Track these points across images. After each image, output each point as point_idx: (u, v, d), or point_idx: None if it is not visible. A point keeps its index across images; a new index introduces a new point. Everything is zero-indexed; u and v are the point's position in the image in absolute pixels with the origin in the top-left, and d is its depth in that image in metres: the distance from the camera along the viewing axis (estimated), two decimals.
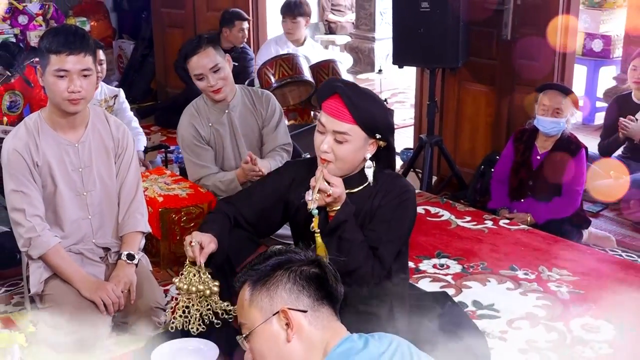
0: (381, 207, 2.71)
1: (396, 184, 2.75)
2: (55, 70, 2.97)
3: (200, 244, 2.63)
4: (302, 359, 1.82)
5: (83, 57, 2.99)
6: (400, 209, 2.72)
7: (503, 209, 4.58)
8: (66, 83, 2.98)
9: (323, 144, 2.62)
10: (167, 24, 7.16)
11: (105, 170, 3.25)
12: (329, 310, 1.87)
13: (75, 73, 2.98)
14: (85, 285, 3.08)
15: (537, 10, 4.84)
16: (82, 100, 3.04)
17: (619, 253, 4.27)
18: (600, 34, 6.80)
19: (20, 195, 3.08)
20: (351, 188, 2.73)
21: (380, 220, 2.71)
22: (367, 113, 2.59)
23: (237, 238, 2.82)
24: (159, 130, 6.13)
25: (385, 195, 2.72)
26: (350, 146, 2.62)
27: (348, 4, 10.14)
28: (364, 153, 2.67)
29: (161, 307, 3.20)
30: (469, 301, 3.56)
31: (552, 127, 4.36)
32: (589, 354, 3.14)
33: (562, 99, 4.34)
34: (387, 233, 2.71)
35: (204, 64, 3.72)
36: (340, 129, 2.59)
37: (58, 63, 2.97)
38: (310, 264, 1.89)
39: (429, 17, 4.68)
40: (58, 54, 2.97)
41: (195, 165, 3.90)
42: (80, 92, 3.00)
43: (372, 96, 2.68)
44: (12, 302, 3.54)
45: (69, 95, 2.99)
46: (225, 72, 3.79)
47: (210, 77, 3.73)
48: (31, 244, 3.08)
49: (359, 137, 2.62)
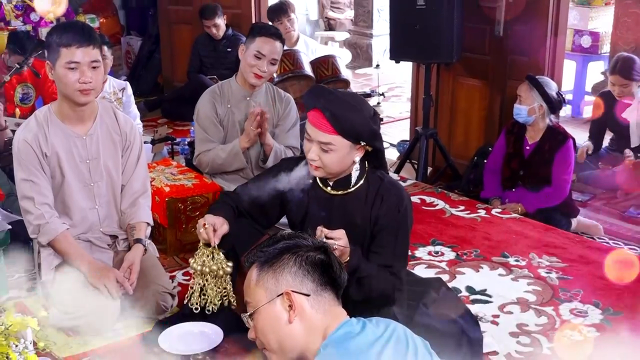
0: (381, 218, 2.70)
1: (392, 193, 2.73)
2: (66, 63, 2.98)
3: (214, 226, 2.64)
4: (302, 341, 1.83)
5: (92, 50, 3.02)
6: (400, 220, 2.72)
7: (495, 198, 4.58)
8: (77, 75, 2.99)
9: (310, 152, 2.63)
10: (173, 21, 7.15)
11: (112, 162, 3.24)
12: (331, 295, 1.88)
13: (85, 65, 2.99)
14: (92, 271, 3.08)
15: (528, 8, 4.83)
16: (92, 91, 3.06)
17: (606, 241, 4.26)
18: (589, 31, 6.79)
19: (29, 184, 3.09)
20: (345, 189, 2.74)
21: (387, 235, 2.71)
22: (348, 123, 2.56)
23: (241, 227, 2.81)
24: (166, 123, 6.11)
25: (383, 204, 2.71)
26: (335, 154, 2.61)
27: (347, 2, 10.12)
28: (351, 158, 2.66)
29: (168, 292, 3.20)
30: (463, 287, 3.56)
31: (516, 114, 4.41)
32: (577, 337, 3.14)
33: (524, 86, 4.39)
34: (396, 248, 2.72)
35: (270, 50, 3.74)
36: (324, 140, 2.58)
37: (69, 56, 2.98)
38: (317, 250, 1.90)
39: (424, 14, 4.67)
40: (68, 47, 2.98)
41: (203, 138, 3.88)
42: (90, 82, 3.01)
43: (354, 105, 2.62)
44: (25, 288, 3.53)
45: (80, 86, 3.00)
46: (274, 69, 3.85)
47: (265, 62, 3.74)
48: (40, 230, 3.09)
49: (343, 145, 2.60)
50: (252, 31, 3.86)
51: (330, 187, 2.76)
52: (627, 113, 4.85)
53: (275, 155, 3.77)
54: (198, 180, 3.94)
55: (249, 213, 2.87)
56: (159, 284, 3.17)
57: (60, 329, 3.11)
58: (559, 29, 4.87)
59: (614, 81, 4.94)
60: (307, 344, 1.83)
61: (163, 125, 5.56)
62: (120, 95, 5.07)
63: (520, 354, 3.02)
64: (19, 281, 3.61)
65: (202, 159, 3.89)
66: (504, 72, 5.04)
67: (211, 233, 2.64)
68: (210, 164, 3.87)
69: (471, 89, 5.27)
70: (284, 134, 3.91)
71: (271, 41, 3.76)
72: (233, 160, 3.81)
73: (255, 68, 3.75)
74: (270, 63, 3.76)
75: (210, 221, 2.66)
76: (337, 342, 1.77)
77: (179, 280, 3.58)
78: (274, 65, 3.80)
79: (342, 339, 1.77)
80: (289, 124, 3.94)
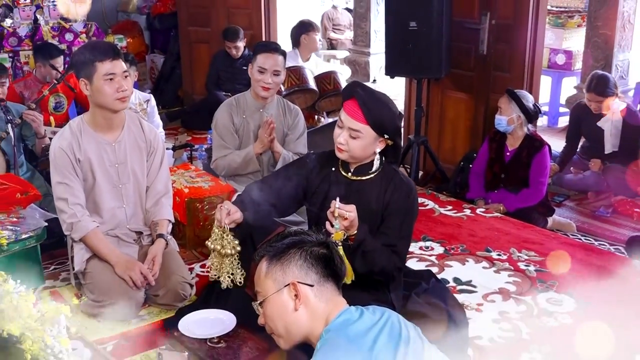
0: (392, 203, 2.71)
1: (404, 183, 2.74)
2: (104, 75, 3.00)
3: (229, 211, 2.64)
4: (306, 326, 1.84)
5: (121, 62, 3.06)
6: (409, 206, 2.73)
7: (479, 199, 4.56)
8: (114, 85, 3.01)
9: (340, 137, 2.66)
10: (193, 40, 7.14)
11: (138, 166, 3.24)
12: (333, 286, 1.88)
13: (119, 75, 3.02)
14: (119, 264, 3.08)
15: (509, 29, 4.82)
16: (127, 98, 3.09)
17: (579, 237, 4.25)
18: (563, 49, 6.77)
19: (64, 186, 3.09)
20: (363, 175, 2.74)
21: (394, 218, 2.71)
22: (378, 116, 2.60)
23: (261, 216, 2.79)
24: (185, 131, 6.11)
25: (395, 192, 2.71)
26: (361, 142, 2.64)
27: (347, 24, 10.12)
28: (373, 148, 2.68)
29: (187, 282, 3.19)
30: (450, 278, 3.55)
31: (497, 123, 4.40)
32: (552, 323, 3.13)
33: (504, 99, 4.38)
34: (401, 230, 2.71)
35: (271, 63, 3.73)
36: (354, 127, 2.61)
37: (105, 69, 3.01)
38: (320, 246, 1.90)
39: (416, 35, 4.67)
40: (102, 61, 3.00)
41: (220, 145, 3.87)
42: (126, 90, 3.05)
43: (385, 102, 2.67)
44: (60, 278, 3.53)
45: (118, 95, 3.03)
46: (279, 79, 3.80)
47: (269, 75, 3.73)
48: (73, 228, 3.09)
49: (370, 135, 2.63)
50: (254, 50, 3.87)
51: (351, 173, 2.76)
52: (602, 122, 4.81)
53: (283, 161, 3.75)
54: (214, 182, 3.94)
55: (269, 201, 2.82)
56: (179, 275, 3.17)
57: (91, 315, 3.10)
58: (536, 48, 4.87)
59: (590, 98, 4.82)
60: (311, 329, 1.83)
61: (183, 134, 5.56)
62: (145, 107, 5.07)
63: (502, 338, 3.01)
64: (54, 272, 3.61)
65: (219, 164, 3.88)
66: (487, 87, 5.02)
67: (224, 215, 2.63)
68: (227, 168, 3.86)
69: (458, 101, 5.25)
70: (293, 142, 3.90)
71: (271, 55, 3.75)
72: (247, 164, 3.80)
73: (261, 82, 3.75)
74: (273, 74, 3.75)
75: (227, 206, 2.66)
76: (337, 327, 1.77)
77: (197, 272, 3.57)
78: (277, 76, 3.78)
79: (342, 325, 1.77)
80: (297, 133, 3.93)
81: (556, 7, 6.87)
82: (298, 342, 1.88)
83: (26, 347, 1.70)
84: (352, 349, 1.71)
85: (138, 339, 2.97)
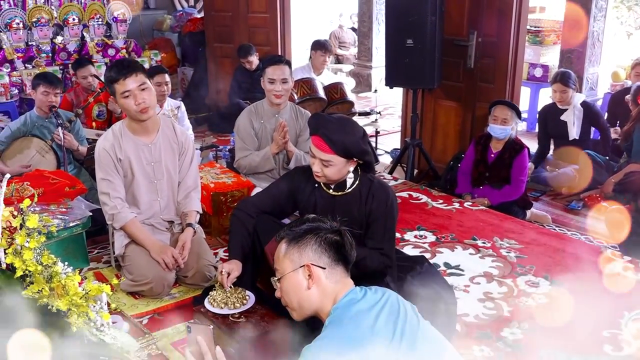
0: (374, 211, 2.67)
1: (381, 192, 2.68)
2: (121, 94, 2.97)
3: (229, 273, 2.64)
4: (317, 303, 1.83)
5: (136, 76, 2.96)
6: (388, 211, 2.68)
7: (467, 194, 4.53)
8: (132, 100, 2.96)
9: (315, 166, 2.61)
10: (218, 55, 7.13)
11: (172, 164, 3.23)
12: (342, 269, 1.87)
13: (135, 90, 2.96)
14: (154, 248, 3.08)
15: (493, 46, 4.79)
16: (148, 108, 3.01)
17: (554, 228, 4.22)
18: (541, 64, 6.72)
19: (106, 182, 3.08)
20: (342, 190, 2.70)
21: (378, 224, 2.68)
22: (342, 146, 2.54)
23: (264, 221, 2.78)
24: (211, 134, 6.11)
25: (374, 201, 2.67)
26: (334, 168, 2.59)
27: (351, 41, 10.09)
28: (347, 169, 2.64)
29: (212, 265, 3.19)
30: (441, 263, 3.53)
31: (500, 133, 4.34)
32: (530, 303, 3.11)
33: (508, 111, 4.31)
34: (385, 234, 2.69)
35: (278, 73, 3.70)
36: (324, 158, 2.57)
37: (120, 88, 2.96)
38: (334, 233, 1.89)
39: (412, 51, 4.65)
40: (117, 81, 2.95)
41: (242, 147, 3.85)
42: (144, 102, 2.98)
43: (347, 131, 2.57)
44: (102, 261, 3.54)
45: (137, 107, 2.98)
46: (288, 86, 3.76)
47: (278, 84, 3.70)
48: (114, 218, 3.09)
49: (339, 161, 2.58)
50: (263, 65, 3.85)
51: (332, 190, 2.73)
52: (564, 116, 4.93)
53: (295, 159, 3.75)
54: (236, 178, 3.93)
55: (265, 211, 2.82)
56: (205, 259, 3.17)
57: (129, 293, 3.11)
58: (517, 63, 4.83)
59: (556, 88, 4.91)
60: (321, 306, 1.83)
61: (209, 136, 5.56)
62: (176, 112, 5.06)
63: (486, 315, 3.00)
64: (97, 255, 3.61)
65: (241, 163, 3.87)
66: (474, 96, 5.00)
67: (225, 280, 2.62)
68: (247, 167, 3.85)
69: (448, 109, 5.23)
70: (304, 142, 3.89)
71: (277, 67, 3.71)
72: (265, 163, 3.79)
73: (273, 91, 3.73)
74: (282, 82, 3.71)
75: (227, 269, 2.64)
76: (344, 306, 1.77)
77: (220, 256, 3.57)
78: (286, 83, 3.73)
79: (348, 304, 1.77)
80: (308, 135, 3.91)
81: (535, 26, 6.82)
82: (309, 315, 1.87)
83: (72, 321, 1.70)
84: (357, 325, 1.70)
85: (169, 313, 2.97)
